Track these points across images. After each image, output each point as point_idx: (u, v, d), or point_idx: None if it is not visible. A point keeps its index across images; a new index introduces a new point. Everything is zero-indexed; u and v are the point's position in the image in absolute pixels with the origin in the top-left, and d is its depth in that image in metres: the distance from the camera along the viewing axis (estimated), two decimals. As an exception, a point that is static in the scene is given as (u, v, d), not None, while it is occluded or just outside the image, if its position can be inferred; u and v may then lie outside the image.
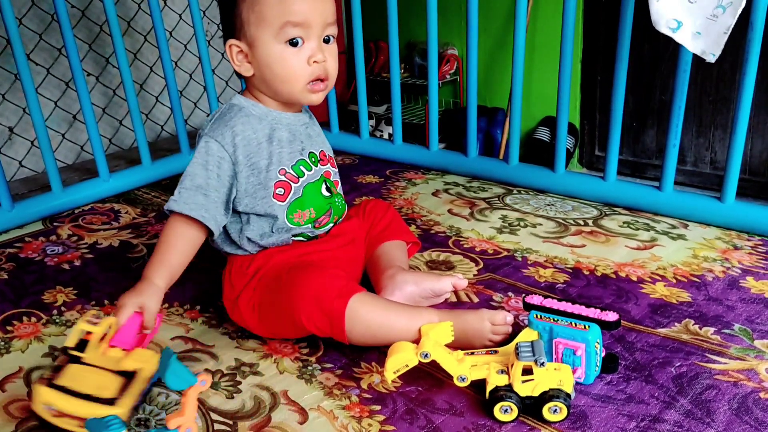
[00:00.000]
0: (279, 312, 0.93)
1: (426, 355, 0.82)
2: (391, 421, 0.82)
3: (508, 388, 0.80)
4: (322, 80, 0.97)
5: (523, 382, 0.79)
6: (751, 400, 0.83)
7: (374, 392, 0.87)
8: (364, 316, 0.90)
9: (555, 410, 0.79)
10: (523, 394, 0.79)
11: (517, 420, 0.80)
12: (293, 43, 0.94)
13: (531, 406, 0.80)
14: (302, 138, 1.03)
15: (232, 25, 0.96)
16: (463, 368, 0.83)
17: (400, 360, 0.83)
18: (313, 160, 1.03)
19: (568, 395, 0.79)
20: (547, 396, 0.78)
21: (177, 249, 0.93)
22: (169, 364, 0.73)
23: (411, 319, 0.92)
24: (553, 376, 0.79)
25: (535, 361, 0.78)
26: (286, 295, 0.91)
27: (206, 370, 0.93)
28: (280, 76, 0.95)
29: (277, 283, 0.94)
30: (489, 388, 0.81)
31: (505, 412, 0.80)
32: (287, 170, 0.99)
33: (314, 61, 0.95)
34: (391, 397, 0.86)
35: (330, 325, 0.90)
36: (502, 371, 0.81)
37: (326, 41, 0.96)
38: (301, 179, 1.00)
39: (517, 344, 0.82)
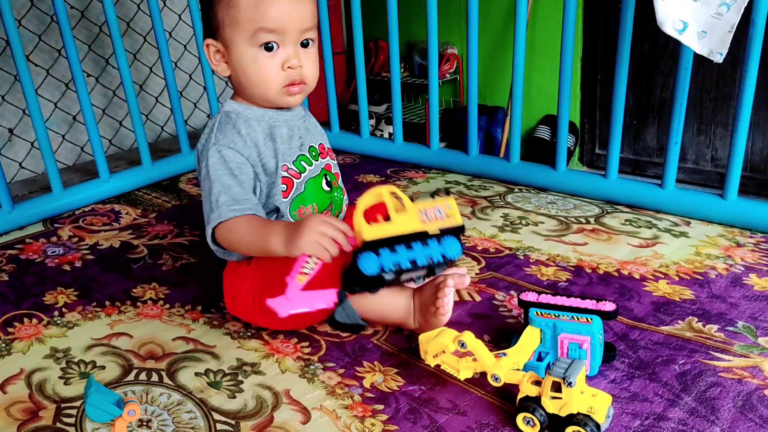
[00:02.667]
0: (280, 281, 0.88)
1: (463, 344, 0.81)
2: (394, 421, 0.81)
3: (537, 400, 0.77)
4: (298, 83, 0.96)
5: (552, 398, 0.75)
6: (756, 398, 0.82)
7: (377, 391, 0.87)
8: None
9: None
10: (550, 410, 0.76)
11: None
12: (268, 47, 0.93)
13: (556, 425, 0.76)
14: (301, 133, 1.02)
15: (209, 24, 0.96)
16: (499, 368, 0.80)
17: (439, 345, 0.83)
18: (314, 154, 1.03)
19: (598, 426, 0.74)
20: (574, 420, 0.74)
21: (255, 226, 0.90)
22: (88, 395, 0.69)
23: (400, 291, 0.96)
24: (584, 400, 0.74)
25: (563, 379, 0.74)
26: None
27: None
28: (254, 80, 0.95)
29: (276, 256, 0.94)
30: (520, 396, 0.79)
31: (527, 423, 0.77)
32: (289, 166, 0.99)
33: (288, 67, 0.94)
34: (394, 396, 0.86)
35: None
36: (537, 382, 0.78)
37: (304, 45, 0.95)
38: (302, 174, 1.00)
39: (556, 359, 0.79)
